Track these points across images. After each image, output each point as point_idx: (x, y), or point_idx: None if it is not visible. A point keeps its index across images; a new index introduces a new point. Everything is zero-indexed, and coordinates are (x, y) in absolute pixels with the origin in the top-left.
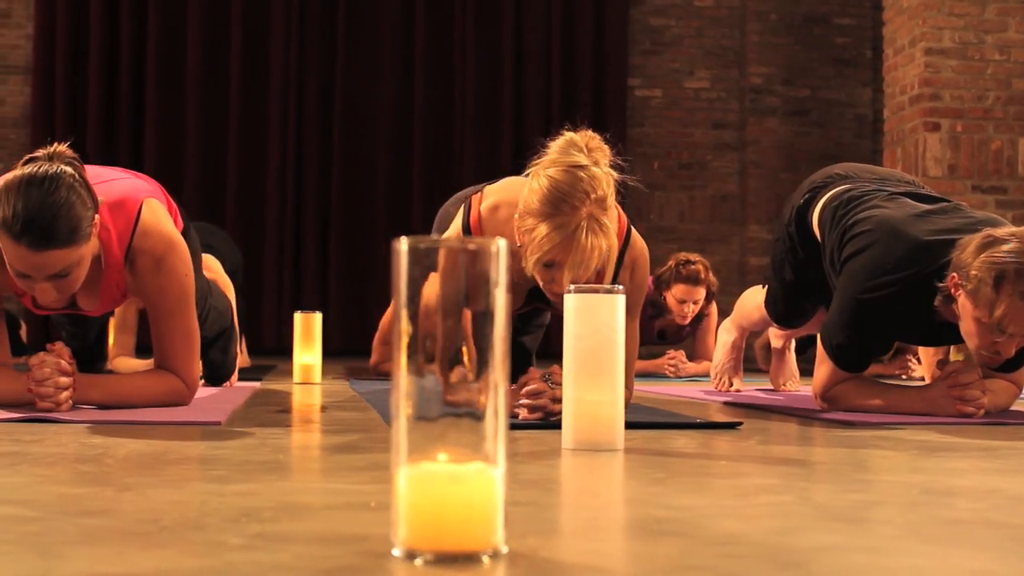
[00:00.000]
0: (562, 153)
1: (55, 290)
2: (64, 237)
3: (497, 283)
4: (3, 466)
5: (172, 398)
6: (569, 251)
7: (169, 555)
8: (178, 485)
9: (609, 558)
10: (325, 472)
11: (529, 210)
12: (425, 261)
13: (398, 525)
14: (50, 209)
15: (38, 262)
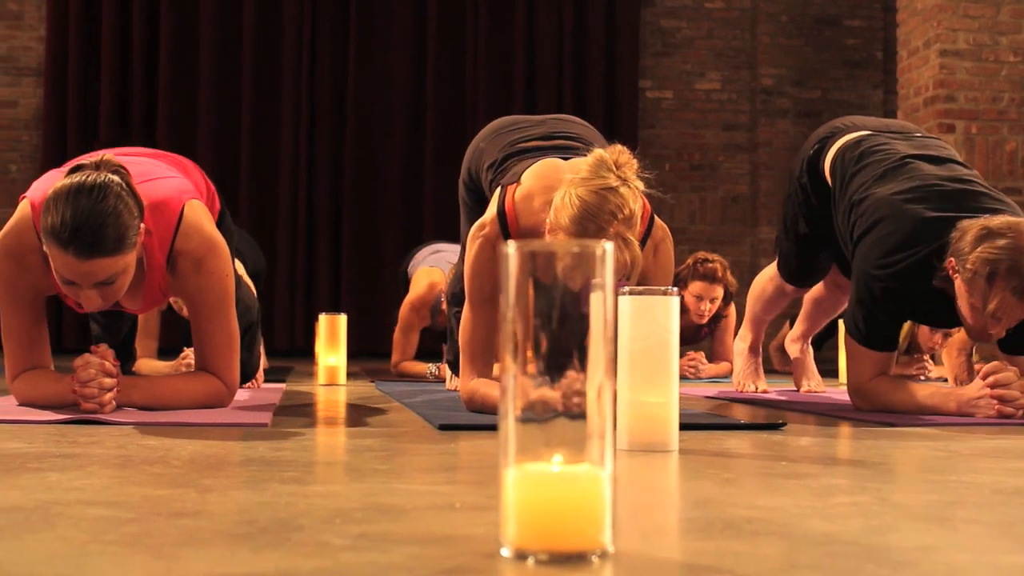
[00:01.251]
0: (592, 173)
1: (100, 297)
2: (111, 246)
3: (603, 285)
4: (73, 467)
5: (212, 400)
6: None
7: (281, 556)
8: (257, 487)
9: (718, 557)
10: (394, 473)
11: (559, 225)
12: (531, 264)
13: (507, 525)
14: (97, 218)
15: (85, 270)
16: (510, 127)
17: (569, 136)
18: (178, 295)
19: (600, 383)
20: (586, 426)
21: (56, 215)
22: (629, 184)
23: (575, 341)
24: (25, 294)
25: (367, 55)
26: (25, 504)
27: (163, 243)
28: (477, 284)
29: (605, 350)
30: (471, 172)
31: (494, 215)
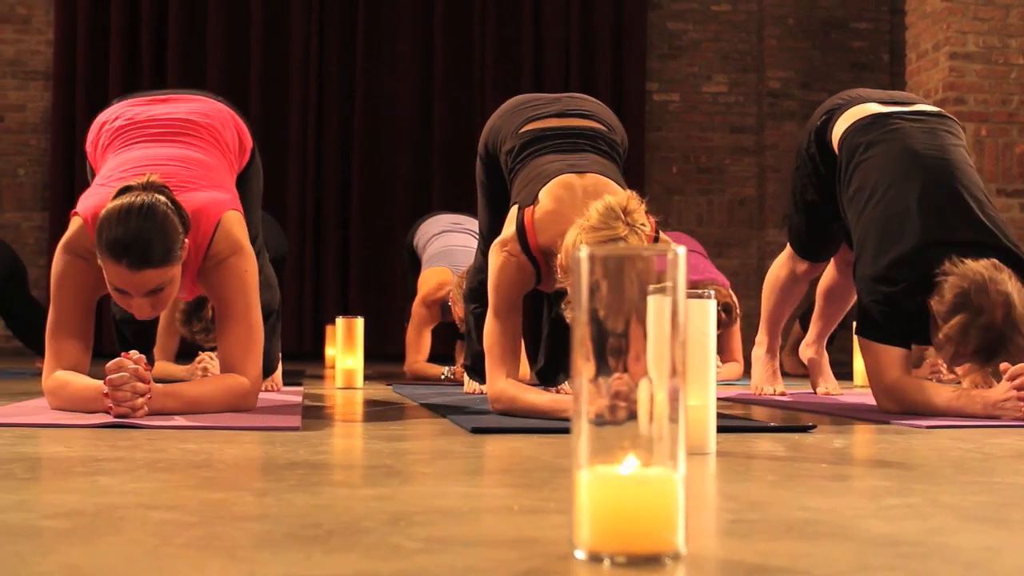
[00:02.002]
0: (602, 222)
1: (150, 306)
2: (160, 258)
3: (676, 288)
4: (120, 471)
5: (238, 398)
6: None
7: (357, 559)
8: (310, 490)
9: (790, 559)
10: (440, 476)
11: (568, 270)
12: (603, 268)
13: (580, 528)
14: (147, 234)
15: (137, 280)
16: (526, 104)
17: (583, 113)
18: (204, 289)
19: (675, 385)
20: (658, 429)
21: (110, 232)
22: (637, 231)
23: (647, 345)
24: (84, 289)
25: (374, 64)
26: (85, 508)
27: (199, 248)
28: (502, 295)
29: (677, 353)
30: (488, 148)
31: (514, 234)
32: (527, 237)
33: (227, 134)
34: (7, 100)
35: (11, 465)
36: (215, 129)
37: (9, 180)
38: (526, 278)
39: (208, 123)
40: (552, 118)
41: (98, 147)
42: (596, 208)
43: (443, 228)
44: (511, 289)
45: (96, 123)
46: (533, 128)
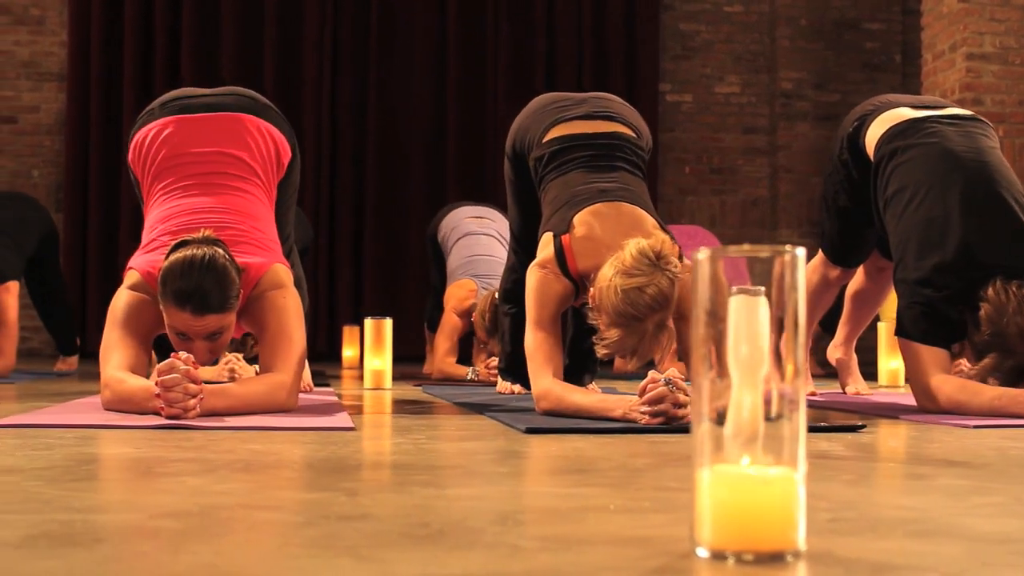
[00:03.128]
0: (635, 267)
1: (208, 350)
2: (219, 305)
3: (795, 289)
4: (203, 472)
5: (284, 403)
6: (636, 350)
7: (483, 558)
8: (400, 490)
9: (909, 557)
10: (518, 476)
11: (603, 309)
12: (721, 271)
13: (701, 526)
14: (209, 283)
15: (198, 326)
16: (553, 104)
17: (611, 116)
18: (247, 324)
19: (795, 387)
20: (780, 429)
21: (174, 283)
22: (668, 275)
23: (760, 346)
24: (141, 324)
25: (387, 68)
26: (188, 508)
27: (243, 294)
28: (543, 308)
29: (795, 355)
30: (515, 148)
31: (552, 257)
32: (567, 261)
33: (264, 158)
34: (21, 102)
35: (89, 466)
36: (254, 159)
37: (24, 181)
38: (565, 294)
39: (245, 156)
40: (579, 121)
41: (145, 168)
42: (630, 252)
43: (468, 229)
44: (551, 303)
45: (138, 137)
46: (561, 135)
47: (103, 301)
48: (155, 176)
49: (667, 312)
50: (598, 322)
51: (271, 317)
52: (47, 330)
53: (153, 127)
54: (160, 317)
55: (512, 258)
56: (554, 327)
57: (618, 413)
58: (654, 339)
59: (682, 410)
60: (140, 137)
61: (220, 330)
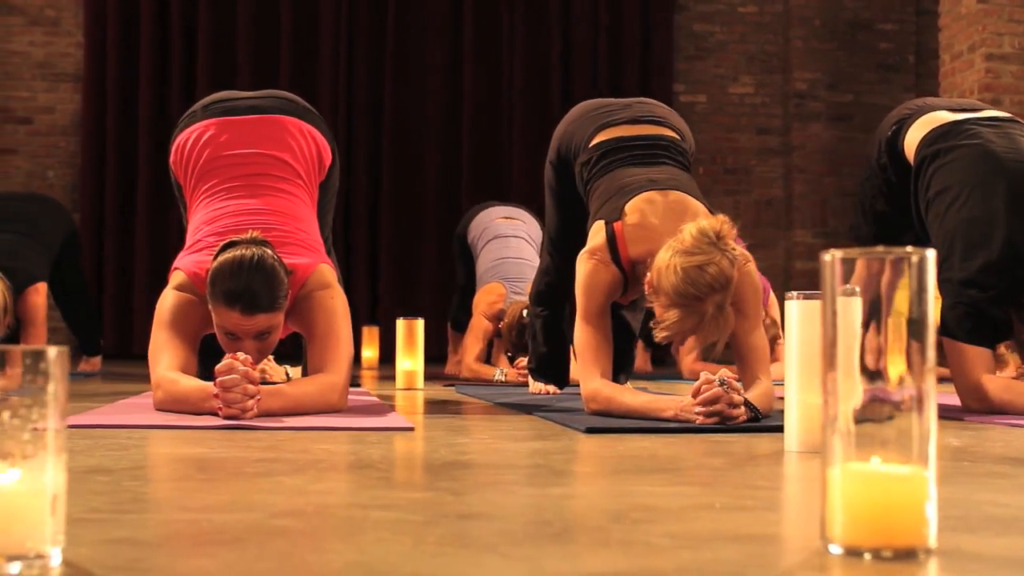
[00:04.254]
0: (694, 246)
1: (257, 350)
2: (268, 305)
3: (925, 290)
4: (294, 472)
5: (335, 403)
6: (696, 331)
7: (621, 556)
8: (500, 489)
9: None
10: (605, 475)
11: (661, 290)
12: (854, 271)
13: (833, 523)
14: (258, 283)
15: (248, 325)
16: (597, 110)
17: (655, 119)
18: (294, 324)
19: (926, 388)
20: (911, 428)
21: (224, 282)
22: (728, 256)
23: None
24: (189, 324)
25: (403, 62)
26: (301, 508)
27: (291, 295)
28: (591, 299)
29: (927, 354)
30: (560, 154)
31: (604, 244)
32: (618, 248)
33: (306, 159)
34: (37, 102)
35: (176, 466)
36: (296, 160)
37: (39, 182)
38: (614, 284)
39: (288, 158)
40: (625, 125)
41: (188, 171)
42: (690, 231)
43: (498, 231)
44: (600, 293)
45: (180, 140)
46: (607, 138)
47: (119, 301)
48: (198, 178)
49: (727, 294)
50: (656, 304)
51: (319, 318)
52: (70, 330)
53: (195, 129)
54: (207, 317)
55: (546, 260)
56: (603, 320)
57: (670, 414)
58: (713, 321)
59: (736, 410)
60: (182, 140)
61: (269, 330)
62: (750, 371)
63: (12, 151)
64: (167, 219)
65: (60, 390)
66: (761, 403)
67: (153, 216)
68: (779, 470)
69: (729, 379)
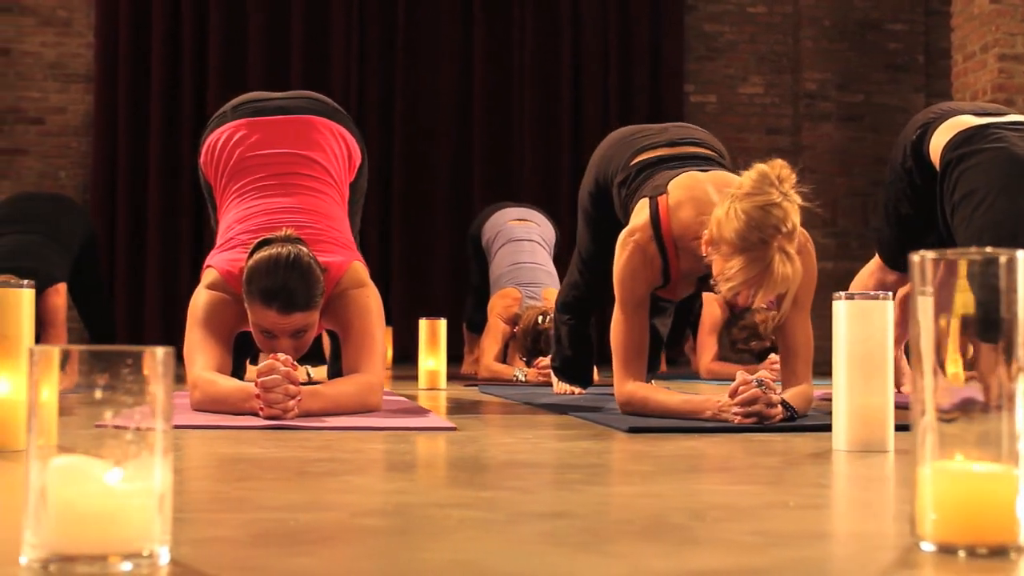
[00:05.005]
0: (755, 187)
1: (293, 348)
2: (305, 303)
3: (1014, 290)
4: (355, 472)
5: (372, 403)
6: (762, 281)
7: (719, 553)
8: (566, 487)
9: None
10: (667, 474)
11: (723, 239)
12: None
13: (924, 521)
14: (295, 281)
15: (285, 323)
16: (634, 135)
17: (694, 141)
18: (329, 322)
19: (1014, 386)
20: (1001, 427)
21: (260, 281)
22: (790, 199)
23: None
24: (226, 319)
25: (413, 63)
26: (382, 508)
27: (326, 293)
28: (628, 288)
29: (1015, 354)
30: (599, 182)
31: (647, 223)
32: (661, 225)
33: (336, 159)
34: (48, 103)
35: (240, 466)
36: (327, 160)
37: (51, 183)
38: (653, 273)
39: (319, 157)
40: (664, 147)
41: (218, 171)
42: (749, 176)
43: (512, 235)
44: (638, 283)
45: (211, 140)
46: (646, 157)
47: (131, 302)
48: (229, 178)
49: (793, 238)
50: (716, 258)
51: (355, 317)
52: (88, 332)
53: (225, 130)
54: (240, 315)
55: (575, 276)
56: (641, 313)
57: (708, 414)
58: (780, 271)
59: (773, 409)
60: (212, 140)
61: (305, 328)
62: (791, 369)
63: (24, 151)
64: (179, 220)
65: (165, 390)
66: (798, 403)
67: (165, 217)
68: (836, 469)
69: (766, 379)
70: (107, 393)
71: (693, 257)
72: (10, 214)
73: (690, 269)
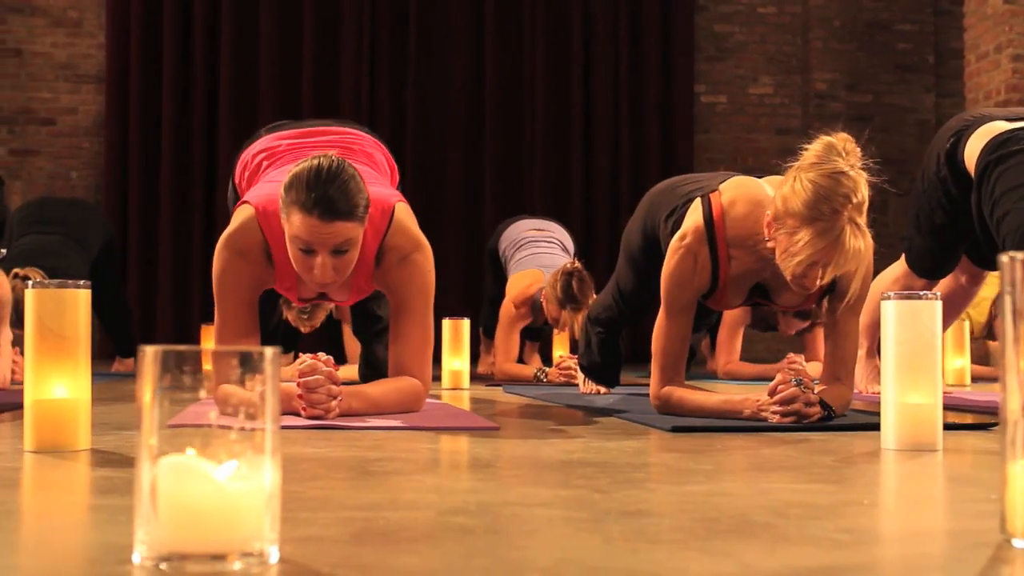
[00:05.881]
0: (821, 158)
1: (332, 268)
2: (348, 210)
3: None
4: (422, 471)
5: (413, 399)
6: (832, 254)
7: (815, 551)
8: (638, 486)
9: None
10: (729, 473)
11: (791, 212)
12: None
13: (1013, 518)
14: (337, 188)
15: (326, 232)
16: (684, 182)
17: None
18: (381, 287)
19: None
20: None
21: (301, 188)
22: (856, 169)
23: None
24: (246, 288)
25: (425, 69)
26: (466, 507)
27: (375, 236)
28: (675, 294)
29: None
30: (646, 229)
31: (700, 224)
32: (715, 226)
33: (378, 166)
34: (59, 103)
35: (304, 466)
36: (369, 153)
37: (62, 183)
38: (701, 280)
39: (362, 145)
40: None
41: (255, 170)
42: (813, 148)
43: (528, 239)
44: (684, 290)
45: (246, 154)
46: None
47: (143, 302)
48: (269, 164)
49: (862, 213)
50: (781, 234)
51: (417, 297)
52: (106, 332)
53: (260, 143)
54: (262, 272)
55: (610, 301)
56: (685, 317)
57: (747, 413)
58: (852, 244)
59: (811, 408)
60: (246, 156)
61: (347, 244)
62: (834, 373)
63: (35, 152)
64: (191, 219)
65: (274, 390)
66: (836, 403)
67: (176, 217)
68: (894, 467)
69: (805, 378)
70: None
71: (747, 260)
72: (31, 215)
73: (740, 274)
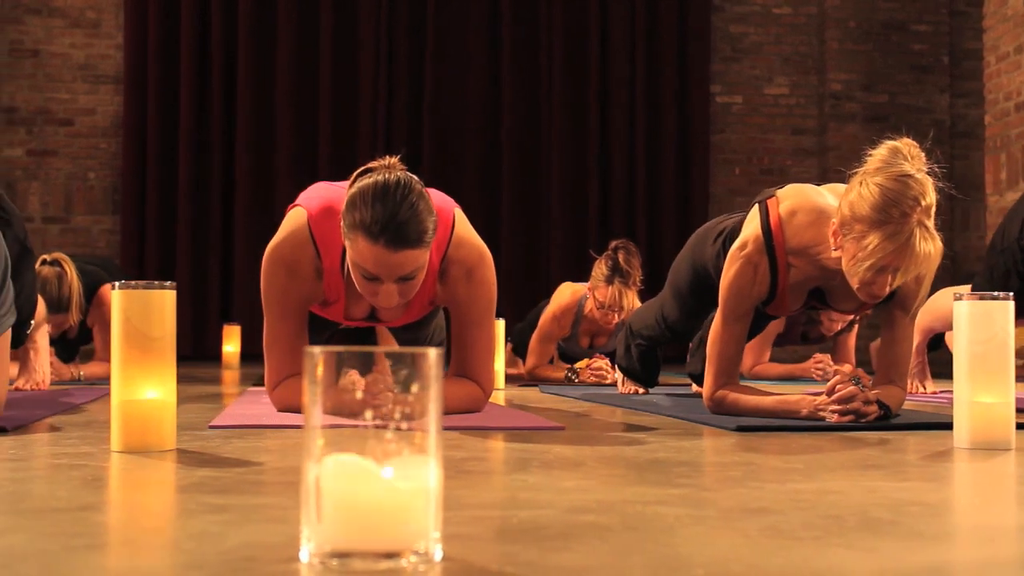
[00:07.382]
0: (888, 162)
1: (399, 294)
2: (417, 238)
3: None
4: (515, 471)
5: (473, 405)
6: (902, 258)
7: (951, 548)
8: (736, 484)
9: None
10: (811, 473)
11: (858, 217)
12: None
13: None
14: (405, 212)
15: (393, 262)
16: (731, 216)
17: None
18: (445, 303)
19: None
20: None
21: (366, 210)
22: (922, 173)
23: None
24: (294, 304)
25: (442, 74)
26: (587, 506)
27: (438, 250)
28: (734, 303)
29: None
30: (696, 269)
31: (758, 233)
32: (774, 238)
33: None
34: (77, 104)
35: None
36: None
37: (80, 184)
38: (760, 290)
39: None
40: None
41: None
42: (878, 152)
43: None
44: (744, 299)
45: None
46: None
47: None
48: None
49: (931, 216)
50: (848, 240)
51: (486, 308)
52: None
53: None
54: (311, 290)
55: (652, 322)
56: (742, 324)
57: (804, 412)
58: (922, 248)
59: (869, 407)
60: None
61: (415, 271)
62: (888, 376)
63: (53, 153)
64: (208, 220)
65: (436, 392)
66: (891, 403)
67: (194, 218)
68: (978, 466)
69: (864, 376)
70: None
71: (806, 268)
72: None
73: (800, 282)
